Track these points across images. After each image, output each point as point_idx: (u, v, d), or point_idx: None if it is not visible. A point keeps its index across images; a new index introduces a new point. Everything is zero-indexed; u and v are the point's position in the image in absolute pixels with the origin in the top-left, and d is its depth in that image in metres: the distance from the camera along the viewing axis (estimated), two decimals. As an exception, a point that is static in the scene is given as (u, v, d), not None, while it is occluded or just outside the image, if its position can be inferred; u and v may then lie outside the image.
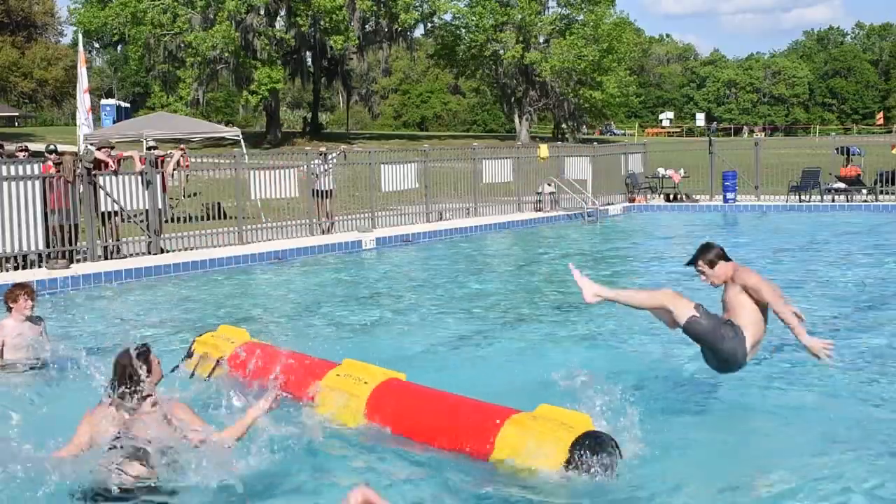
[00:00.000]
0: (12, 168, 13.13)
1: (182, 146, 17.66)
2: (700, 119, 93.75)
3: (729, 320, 6.04)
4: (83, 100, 23.25)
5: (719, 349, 6.00)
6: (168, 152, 16.42)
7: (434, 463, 5.29)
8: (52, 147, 14.59)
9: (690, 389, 6.92)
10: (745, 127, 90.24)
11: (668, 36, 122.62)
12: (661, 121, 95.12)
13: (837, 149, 26.23)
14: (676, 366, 7.57)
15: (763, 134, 74.96)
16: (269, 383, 5.23)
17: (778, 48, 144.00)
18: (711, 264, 6.19)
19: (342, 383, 6.07)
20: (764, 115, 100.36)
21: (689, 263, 6.37)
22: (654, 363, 7.70)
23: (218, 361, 7.03)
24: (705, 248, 6.24)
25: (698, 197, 25.39)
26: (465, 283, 12.91)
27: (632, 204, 25.06)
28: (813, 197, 23.46)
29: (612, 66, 57.45)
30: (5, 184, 12.99)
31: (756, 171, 25.18)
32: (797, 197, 23.59)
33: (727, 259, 6.23)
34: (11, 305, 7.54)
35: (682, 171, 26.22)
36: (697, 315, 5.97)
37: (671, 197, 25.56)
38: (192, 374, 7.14)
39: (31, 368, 7.47)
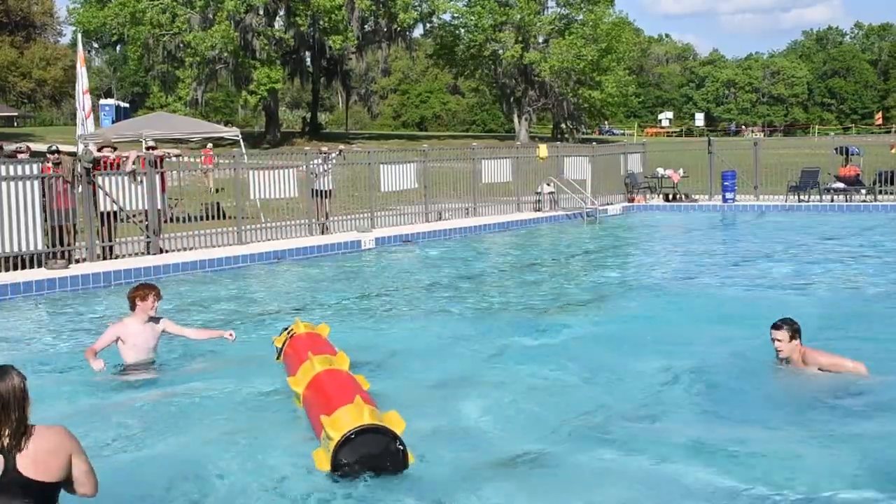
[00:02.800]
0: (11, 168, 13.11)
1: (209, 146, 17.43)
2: (699, 119, 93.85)
3: None
4: (83, 100, 23.21)
5: None
6: (124, 155, 15.51)
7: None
8: (53, 147, 14.53)
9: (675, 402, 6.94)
10: (745, 127, 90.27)
11: (667, 36, 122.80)
12: (660, 121, 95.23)
13: (836, 149, 26.20)
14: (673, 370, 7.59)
15: (762, 134, 75.01)
16: None
17: (777, 48, 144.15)
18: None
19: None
20: (763, 115, 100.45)
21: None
22: (652, 367, 7.72)
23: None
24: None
25: (697, 197, 25.38)
26: (464, 282, 12.92)
27: (631, 204, 25.05)
28: (812, 197, 23.46)
29: (611, 66, 57.52)
30: (3, 184, 12.97)
31: (755, 171, 25.18)
32: (796, 197, 23.60)
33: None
34: (139, 303, 7.38)
35: (681, 170, 26.21)
36: None
37: (670, 197, 25.56)
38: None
39: (149, 372, 7.36)
